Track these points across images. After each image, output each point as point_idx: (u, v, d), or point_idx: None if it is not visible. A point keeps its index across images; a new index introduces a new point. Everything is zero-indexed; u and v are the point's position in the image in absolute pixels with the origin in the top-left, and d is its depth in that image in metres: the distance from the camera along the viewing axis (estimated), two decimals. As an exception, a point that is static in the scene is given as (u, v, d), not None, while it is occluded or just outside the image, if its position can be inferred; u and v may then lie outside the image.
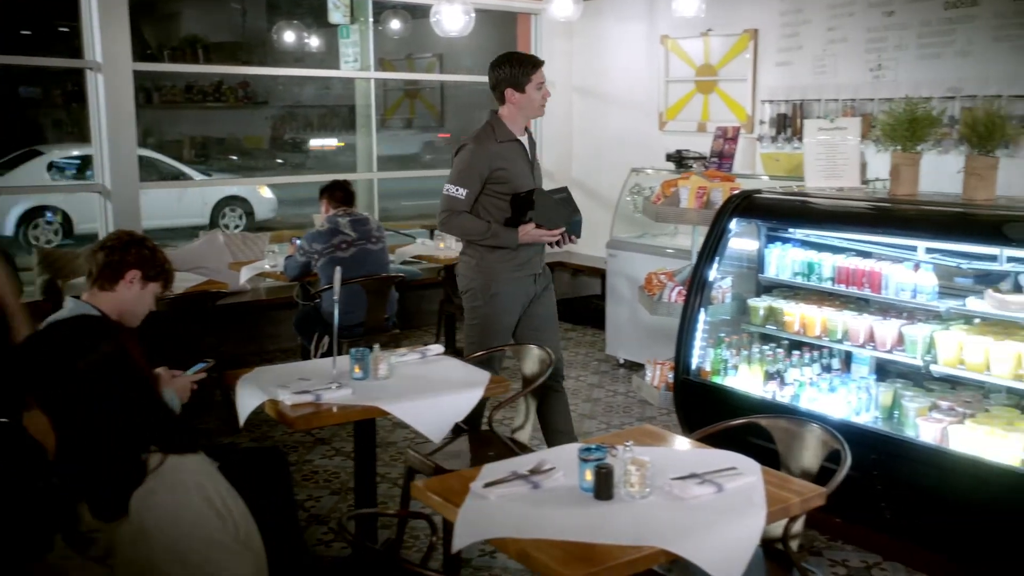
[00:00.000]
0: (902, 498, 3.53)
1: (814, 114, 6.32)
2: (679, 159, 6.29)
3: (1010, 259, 3.43)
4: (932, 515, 3.46)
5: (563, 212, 4.01)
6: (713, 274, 4.24)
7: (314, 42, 10.61)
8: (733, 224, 4.23)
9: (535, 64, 4.02)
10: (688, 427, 4.25)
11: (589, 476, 2.39)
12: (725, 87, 7.08)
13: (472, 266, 4.11)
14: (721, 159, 6.07)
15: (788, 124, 6.53)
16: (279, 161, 13.41)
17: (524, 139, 4.12)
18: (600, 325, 6.93)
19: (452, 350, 6.63)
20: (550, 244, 4.08)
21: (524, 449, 3.64)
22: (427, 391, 3.32)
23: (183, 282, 5.46)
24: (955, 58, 5.63)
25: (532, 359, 3.83)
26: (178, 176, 12.50)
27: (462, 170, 3.99)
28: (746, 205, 4.22)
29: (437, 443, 3.41)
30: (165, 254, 3.03)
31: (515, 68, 3.98)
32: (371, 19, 8.65)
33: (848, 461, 2.66)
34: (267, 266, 5.94)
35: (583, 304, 8.05)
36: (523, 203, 3.99)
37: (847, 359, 4.20)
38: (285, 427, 3.43)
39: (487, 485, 2.42)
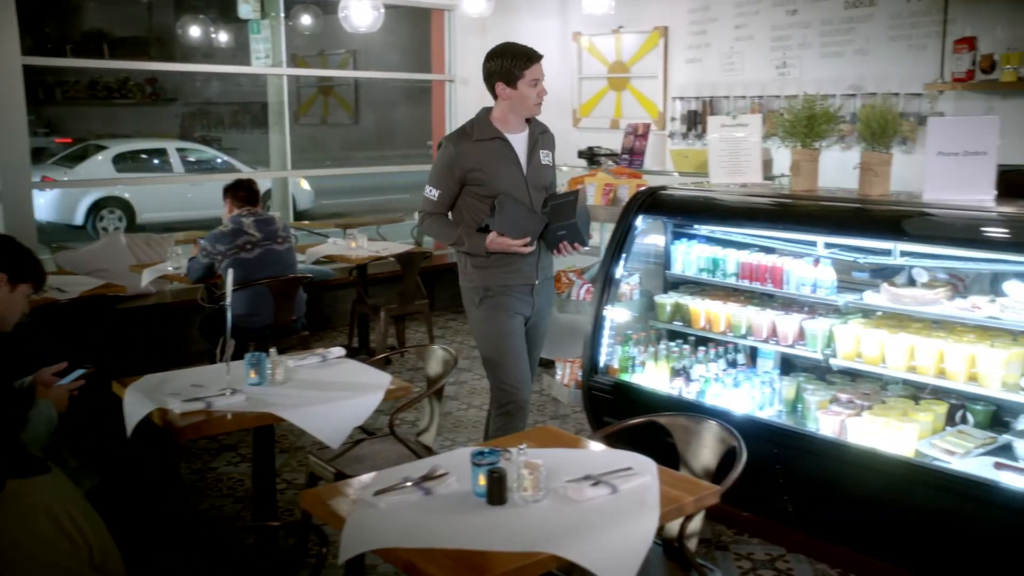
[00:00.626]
0: (803, 491, 3.58)
1: (723, 111, 6.39)
2: (591, 156, 6.31)
3: (903, 253, 3.49)
4: (832, 507, 3.52)
5: (530, 219, 3.64)
6: (620, 271, 4.24)
7: (223, 37, 10.38)
8: (639, 221, 4.23)
9: (531, 58, 3.65)
10: (596, 425, 4.25)
11: (482, 481, 2.34)
12: (637, 84, 7.13)
13: (461, 272, 3.83)
14: (632, 156, 6.11)
15: (698, 121, 6.60)
16: (191, 160, 13.20)
17: (519, 136, 3.76)
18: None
19: (366, 351, 6.54)
20: (556, 252, 3.75)
21: (429, 452, 3.58)
22: (326, 395, 3.25)
23: (78, 286, 5.27)
24: (855, 56, 5.76)
25: (436, 360, 3.76)
26: (229, 169, 13.05)
27: (435, 170, 3.73)
28: (651, 202, 4.23)
29: (336, 449, 3.32)
30: (34, 253, 2.88)
31: (507, 61, 3.63)
32: (282, 14, 8.46)
33: (744, 458, 2.66)
34: (170, 268, 5.74)
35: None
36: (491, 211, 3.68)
37: (753, 354, 4.24)
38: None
39: (377, 493, 2.35)
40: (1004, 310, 3.23)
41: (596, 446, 2.83)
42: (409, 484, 2.40)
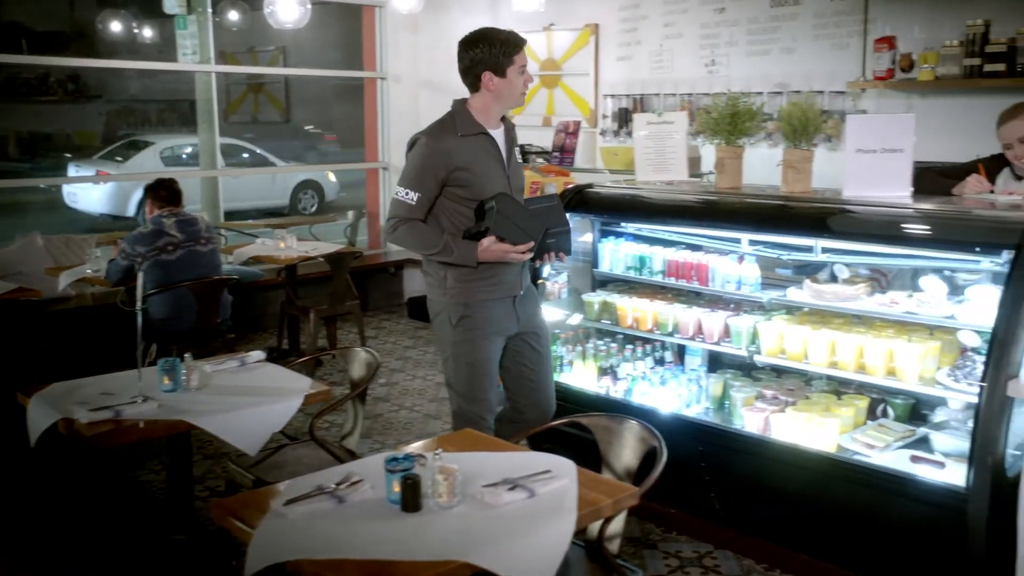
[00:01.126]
0: (729, 488, 3.59)
1: (653, 108, 6.41)
2: (523, 153, 6.27)
3: (825, 250, 3.52)
4: (758, 503, 3.53)
5: (531, 223, 3.30)
6: (548, 269, 4.21)
7: (148, 33, 10.12)
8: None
9: (518, 44, 3.34)
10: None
11: (396, 487, 2.28)
12: (569, 81, 7.12)
13: (435, 286, 3.43)
14: (563, 153, 6.10)
15: (629, 118, 6.60)
16: (119, 159, 12.96)
17: (498, 132, 3.44)
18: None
19: (296, 352, 6.41)
20: (540, 260, 3.46)
21: (352, 457, 3.50)
22: (242, 401, 3.16)
23: (-10, 289, 5.05)
24: (781, 55, 5.82)
25: (359, 363, 3.69)
26: (260, 163, 13.55)
27: (412, 170, 3.33)
28: (578, 200, 4.20)
29: (254, 455, 3.23)
30: None
31: (495, 47, 3.29)
32: (209, 9, 8.27)
33: (664, 458, 2.64)
34: (89, 271, 5.55)
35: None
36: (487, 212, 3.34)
37: (681, 352, 4.24)
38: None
39: (288, 502, 2.28)
40: (920, 305, 3.27)
41: (516, 449, 2.78)
42: (322, 493, 2.33)
